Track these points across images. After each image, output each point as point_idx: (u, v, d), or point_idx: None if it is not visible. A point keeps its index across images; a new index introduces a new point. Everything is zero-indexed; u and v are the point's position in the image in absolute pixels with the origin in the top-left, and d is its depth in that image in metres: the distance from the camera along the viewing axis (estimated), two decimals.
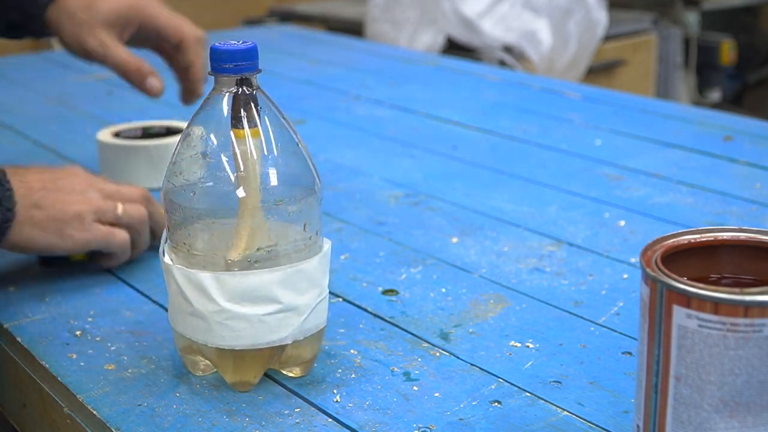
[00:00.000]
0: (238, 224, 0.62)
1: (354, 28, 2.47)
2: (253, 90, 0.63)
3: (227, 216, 0.63)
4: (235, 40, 0.63)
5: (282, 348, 0.65)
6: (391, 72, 1.59)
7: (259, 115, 0.62)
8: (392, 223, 0.94)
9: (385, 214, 0.96)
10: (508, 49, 2.34)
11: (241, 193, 0.62)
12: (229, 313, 0.62)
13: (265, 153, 0.62)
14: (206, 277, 0.62)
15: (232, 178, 0.62)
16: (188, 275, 0.63)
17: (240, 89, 0.62)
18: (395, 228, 0.92)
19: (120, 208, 0.81)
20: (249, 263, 0.62)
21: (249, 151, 0.62)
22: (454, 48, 2.35)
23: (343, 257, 0.85)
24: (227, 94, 0.62)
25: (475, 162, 1.12)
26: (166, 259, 0.64)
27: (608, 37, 2.55)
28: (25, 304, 0.77)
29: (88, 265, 0.83)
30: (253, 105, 0.62)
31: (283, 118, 0.64)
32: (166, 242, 0.66)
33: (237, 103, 0.62)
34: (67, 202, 0.78)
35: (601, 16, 2.49)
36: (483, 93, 1.44)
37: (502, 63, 2.31)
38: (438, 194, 1.01)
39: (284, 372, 0.66)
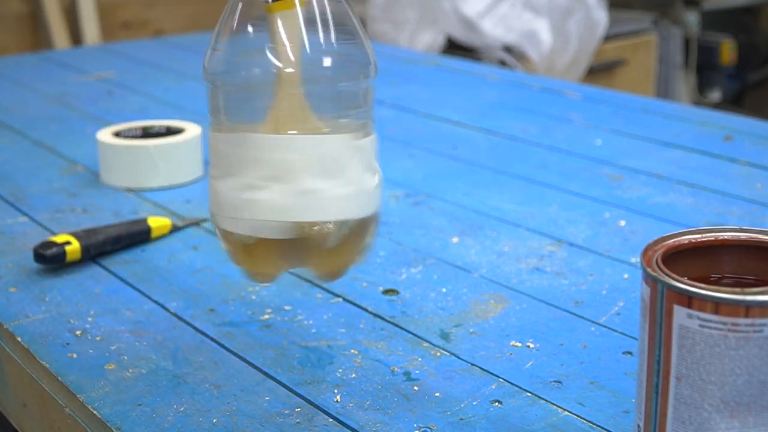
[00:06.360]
0: (275, 99, 0.58)
1: None
2: None
3: (266, 90, 0.58)
4: None
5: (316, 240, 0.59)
6: (391, 72, 1.59)
7: None
8: (392, 222, 0.94)
9: (385, 213, 0.96)
10: (508, 49, 2.34)
11: (277, 65, 0.58)
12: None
13: (311, 27, 0.58)
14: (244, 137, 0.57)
15: (271, 51, 0.58)
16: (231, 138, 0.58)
17: None
18: (395, 228, 0.92)
19: None
20: None
21: (288, 22, 0.58)
22: (454, 48, 2.35)
23: None
24: None
25: (475, 162, 1.12)
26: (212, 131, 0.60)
27: (608, 37, 2.55)
28: (25, 304, 0.77)
29: (85, 264, 0.83)
30: None
31: None
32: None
33: None
34: None
35: (601, 16, 2.49)
36: (483, 93, 1.44)
37: (503, 63, 2.31)
38: (438, 194, 1.01)
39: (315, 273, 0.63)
